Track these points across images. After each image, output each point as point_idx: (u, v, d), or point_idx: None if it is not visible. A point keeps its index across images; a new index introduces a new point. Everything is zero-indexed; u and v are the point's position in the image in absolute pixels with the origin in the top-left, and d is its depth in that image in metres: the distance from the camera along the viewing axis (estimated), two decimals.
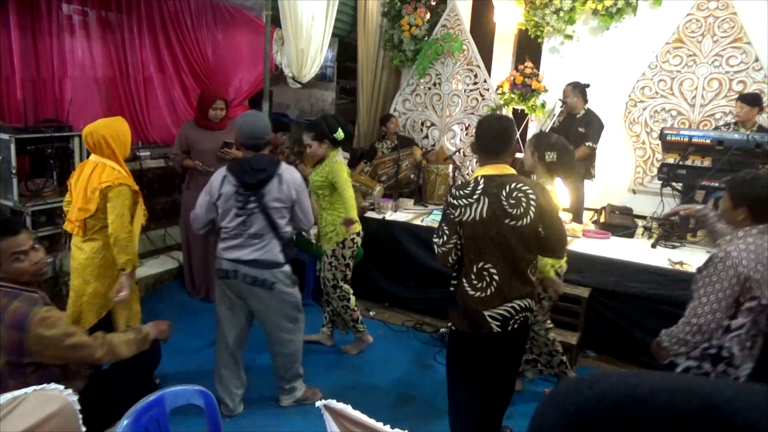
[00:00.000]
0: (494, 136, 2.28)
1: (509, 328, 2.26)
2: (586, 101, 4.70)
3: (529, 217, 2.20)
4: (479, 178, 2.24)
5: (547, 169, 2.86)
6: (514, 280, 2.25)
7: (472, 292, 2.26)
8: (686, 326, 2.10)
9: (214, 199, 2.73)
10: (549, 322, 3.11)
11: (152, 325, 2.40)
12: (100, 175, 2.71)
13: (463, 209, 2.20)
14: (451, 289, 2.35)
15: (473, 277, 2.25)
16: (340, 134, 3.33)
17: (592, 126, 4.61)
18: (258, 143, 2.74)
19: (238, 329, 2.90)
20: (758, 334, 2.11)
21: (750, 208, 2.05)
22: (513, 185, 2.21)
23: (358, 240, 3.51)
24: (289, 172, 2.74)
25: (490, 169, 2.25)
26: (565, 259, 2.96)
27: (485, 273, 2.23)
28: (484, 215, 2.18)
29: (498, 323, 2.25)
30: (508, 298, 2.24)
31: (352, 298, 3.58)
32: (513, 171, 2.30)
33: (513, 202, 2.19)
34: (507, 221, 2.19)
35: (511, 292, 2.25)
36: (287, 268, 2.83)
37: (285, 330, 2.89)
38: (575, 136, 4.62)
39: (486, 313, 2.24)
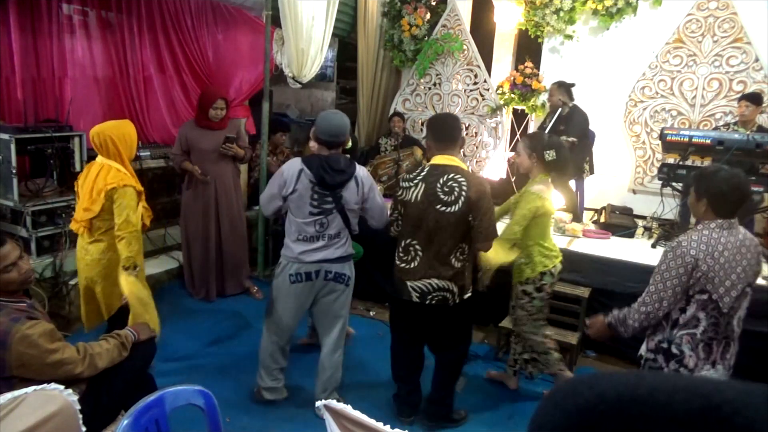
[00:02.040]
0: (442, 129, 2.58)
1: (427, 301, 2.58)
2: (572, 99, 4.66)
3: (457, 205, 2.45)
4: (426, 166, 2.57)
5: (546, 168, 2.86)
6: (435, 261, 2.55)
7: (398, 263, 2.66)
8: (635, 313, 2.16)
9: (286, 191, 2.66)
10: (542, 321, 3.11)
11: (131, 328, 2.38)
12: (105, 177, 2.74)
13: (404, 190, 2.56)
14: None
15: (401, 250, 2.65)
16: (348, 143, 3.37)
17: (572, 120, 4.56)
18: (336, 141, 2.68)
19: (295, 325, 2.94)
20: (716, 339, 2.07)
21: (711, 201, 2.06)
22: (451, 175, 2.48)
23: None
24: (363, 172, 2.75)
25: (439, 160, 2.55)
26: (559, 258, 3.03)
27: (411, 249, 2.60)
28: (419, 198, 2.50)
29: (417, 294, 2.59)
30: (427, 275, 2.56)
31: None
32: (459, 163, 2.55)
33: (446, 190, 2.46)
34: (438, 207, 2.47)
35: (430, 270, 2.55)
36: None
37: (339, 330, 2.93)
38: (557, 134, 4.60)
39: (408, 282, 2.60)
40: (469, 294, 2.70)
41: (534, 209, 2.81)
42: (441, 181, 2.47)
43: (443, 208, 2.46)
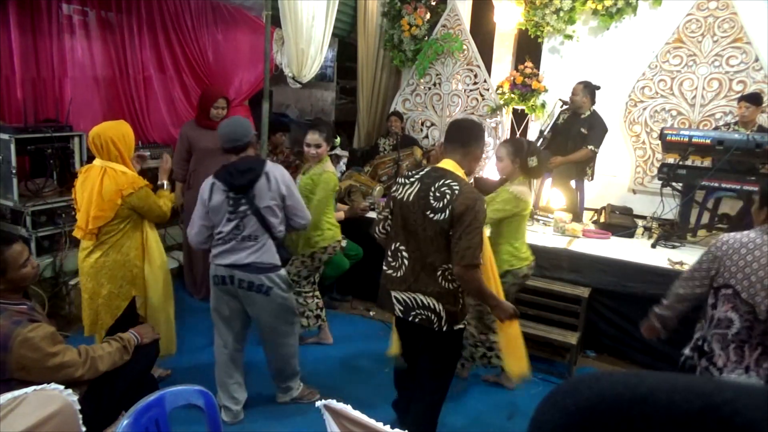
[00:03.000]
0: (456, 129, 2.41)
1: (410, 318, 2.33)
2: (593, 102, 4.67)
3: (444, 214, 2.21)
4: (428, 167, 2.39)
5: (527, 173, 2.99)
6: (422, 274, 2.29)
7: (385, 268, 2.42)
8: (669, 295, 2.26)
9: (206, 208, 2.71)
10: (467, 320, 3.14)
11: (134, 331, 2.38)
12: (115, 182, 2.71)
13: (400, 186, 2.36)
14: None
15: (389, 254, 2.41)
16: (337, 140, 3.44)
17: (595, 129, 4.57)
18: (237, 145, 2.70)
19: (234, 334, 2.88)
20: (749, 342, 2.04)
21: None
22: (447, 181, 2.24)
23: (338, 247, 3.60)
24: (276, 169, 2.71)
25: (442, 163, 2.35)
26: (527, 263, 3.05)
27: (399, 254, 2.36)
28: (411, 198, 2.29)
29: (401, 307, 2.35)
30: (412, 288, 2.31)
31: (312, 302, 3.61)
32: (458, 170, 2.32)
33: (438, 195, 2.24)
34: (427, 212, 2.25)
35: (417, 282, 2.30)
36: (283, 271, 2.80)
37: (280, 333, 2.87)
38: (576, 136, 4.61)
39: (392, 292, 2.37)
40: (460, 326, 2.39)
41: (511, 209, 2.92)
42: (436, 185, 2.24)
43: (431, 215, 2.23)
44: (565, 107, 4.80)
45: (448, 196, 2.21)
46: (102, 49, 4.58)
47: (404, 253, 2.32)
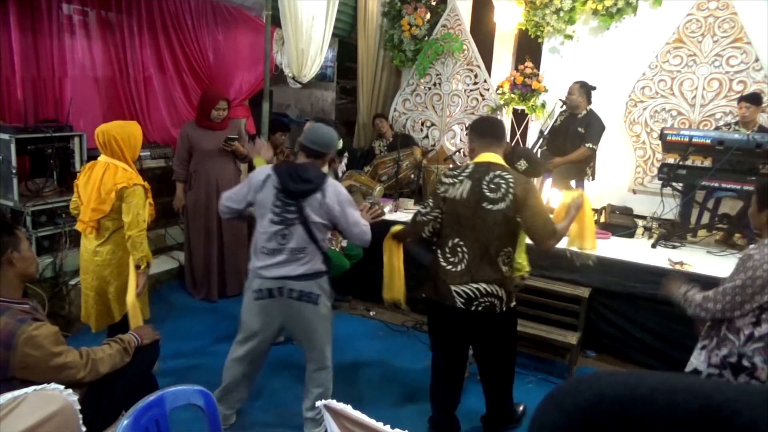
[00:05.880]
0: (488, 125, 2.56)
1: (473, 308, 2.42)
2: (590, 102, 4.69)
3: (504, 203, 2.35)
4: (471, 163, 2.49)
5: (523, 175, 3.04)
6: (483, 263, 2.41)
7: (444, 265, 2.47)
8: (696, 306, 2.13)
9: (250, 197, 2.58)
10: None
11: (134, 332, 2.37)
12: (113, 177, 2.75)
13: (448, 186, 2.43)
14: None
15: (447, 251, 2.47)
16: (339, 143, 3.42)
17: (593, 127, 4.60)
18: (317, 151, 2.58)
19: (258, 351, 2.73)
20: None
21: None
22: (497, 172, 2.40)
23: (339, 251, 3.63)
24: (334, 187, 2.55)
25: (483, 157, 2.47)
26: (521, 273, 2.93)
27: (458, 249, 2.44)
28: (465, 195, 2.39)
29: (462, 300, 2.43)
30: (474, 279, 2.41)
31: None
32: (502, 162, 2.48)
33: (493, 187, 2.37)
34: (484, 204, 2.36)
35: (478, 273, 2.41)
36: (327, 279, 2.66)
37: (324, 348, 2.71)
38: (574, 135, 4.62)
39: (452, 287, 2.43)
40: (514, 303, 2.57)
41: None
42: (487, 177, 2.38)
43: (489, 206, 2.35)
44: (563, 108, 4.81)
45: (503, 186, 2.35)
46: (102, 49, 4.59)
47: (464, 248, 2.42)
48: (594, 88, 4.70)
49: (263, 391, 3.15)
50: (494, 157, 2.47)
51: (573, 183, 4.82)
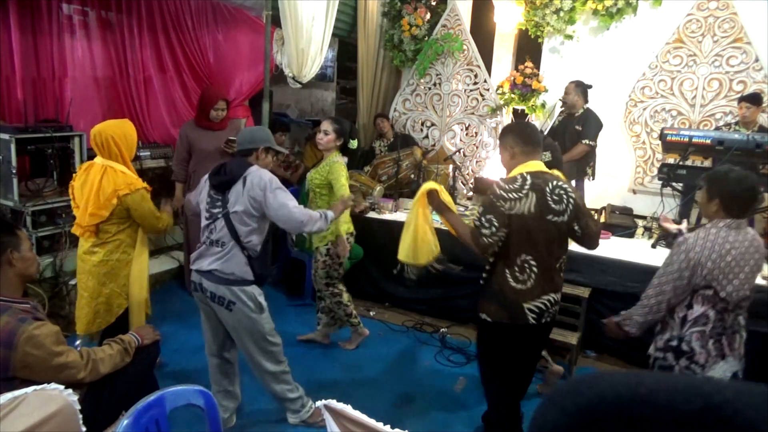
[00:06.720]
0: (532, 132, 2.39)
1: (543, 320, 2.36)
2: (586, 101, 4.71)
3: (567, 214, 2.30)
4: (525, 174, 2.29)
5: None
6: (549, 275, 2.36)
7: (514, 284, 2.33)
8: (638, 308, 2.28)
9: (199, 197, 2.72)
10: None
11: (134, 333, 2.37)
12: (113, 182, 2.72)
13: (513, 203, 2.26)
14: (482, 282, 2.44)
15: (516, 269, 2.33)
16: (353, 144, 3.43)
17: (589, 124, 4.62)
18: (243, 150, 2.64)
19: (218, 343, 2.76)
20: (724, 334, 2.15)
21: (723, 201, 2.14)
22: (555, 182, 2.30)
23: (352, 240, 3.56)
24: (256, 174, 2.53)
25: (532, 166, 2.32)
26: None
27: (527, 266, 2.32)
28: (532, 210, 2.25)
29: (534, 315, 2.34)
30: (545, 291, 2.34)
31: (345, 295, 3.62)
32: (547, 169, 2.38)
33: (556, 198, 2.28)
34: (549, 217, 2.27)
35: (547, 285, 2.35)
36: (253, 289, 2.57)
37: (250, 354, 2.67)
38: (572, 134, 4.64)
39: (525, 305, 2.33)
40: None
41: None
42: (548, 188, 2.28)
43: (554, 218, 2.28)
44: (562, 109, 4.82)
45: (565, 197, 2.29)
46: (102, 49, 4.59)
47: (532, 263, 2.32)
48: (590, 87, 4.71)
49: (263, 392, 3.15)
50: (541, 166, 2.37)
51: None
